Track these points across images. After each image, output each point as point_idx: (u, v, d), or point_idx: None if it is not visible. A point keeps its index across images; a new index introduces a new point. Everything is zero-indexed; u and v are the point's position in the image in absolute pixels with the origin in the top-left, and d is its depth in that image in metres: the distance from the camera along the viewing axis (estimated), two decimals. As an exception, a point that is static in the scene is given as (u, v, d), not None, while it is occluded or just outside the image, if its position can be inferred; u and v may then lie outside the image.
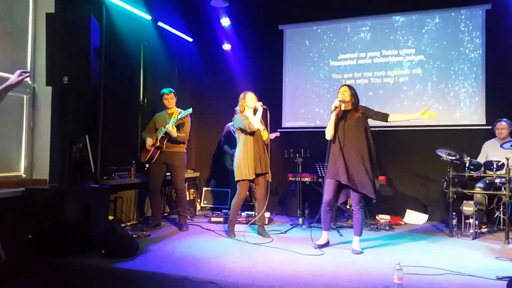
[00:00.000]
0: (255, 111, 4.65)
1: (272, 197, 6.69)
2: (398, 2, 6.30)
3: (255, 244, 4.32)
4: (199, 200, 6.66)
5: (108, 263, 3.50)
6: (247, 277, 3.19)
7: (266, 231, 4.74)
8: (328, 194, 4.13)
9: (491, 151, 5.23)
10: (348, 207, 5.44)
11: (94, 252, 3.72)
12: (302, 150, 5.59)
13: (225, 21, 6.86)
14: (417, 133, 6.15)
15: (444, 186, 4.92)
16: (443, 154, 4.91)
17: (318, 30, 6.90)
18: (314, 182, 5.69)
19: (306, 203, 5.76)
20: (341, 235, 4.77)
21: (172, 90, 5.11)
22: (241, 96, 4.72)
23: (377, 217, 5.88)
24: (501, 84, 5.81)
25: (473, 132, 5.88)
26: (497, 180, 4.73)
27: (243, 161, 4.53)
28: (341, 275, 3.30)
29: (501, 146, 4.82)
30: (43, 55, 3.93)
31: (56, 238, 3.66)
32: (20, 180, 4.01)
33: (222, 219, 5.44)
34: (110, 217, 4.67)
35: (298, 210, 5.53)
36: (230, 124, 5.89)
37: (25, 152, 4.20)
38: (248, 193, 5.61)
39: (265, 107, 4.62)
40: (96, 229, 3.94)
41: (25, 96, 4.20)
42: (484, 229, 5.07)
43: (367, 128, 4.14)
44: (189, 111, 4.89)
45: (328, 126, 4.12)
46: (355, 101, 4.15)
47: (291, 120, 6.95)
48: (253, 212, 5.25)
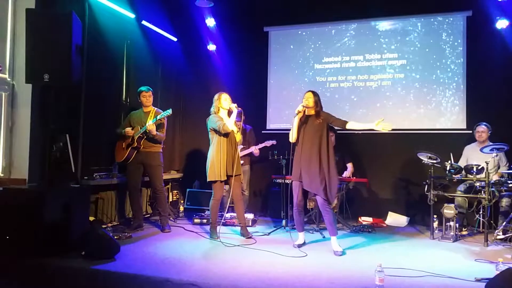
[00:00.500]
0: (230, 113, 4.65)
1: (256, 199, 6.70)
2: (382, 8, 6.36)
3: (238, 246, 4.30)
4: (183, 201, 6.60)
5: (88, 265, 3.44)
6: (230, 279, 3.17)
7: (249, 233, 4.73)
8: (296, 196, 4.29)
9: (472, 155, 5.32)
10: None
11: (74, 254, 3.65)
12: (286, 152, 5.60)
13: (210, 22, 6.83)
14: (399, 137, 6.22)
15: (425, 189, 4.99)
16: (424, 158, 4.98)
17: (303, 33, 6.93)
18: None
19: (290, 205, 5.76)
20: (324, 237, 4.79)
21: (151, 88, 5.07)
22: (216, 97, 4.71)
23: (360, 219, 5.92)
24: (482, 89, 5.92)
25: (454, 136, 5.98)
26: (477, 184, 4.82)
27: (216, 162, 4.53)
28: (324, 277, 3.31)
29: (481, 150, 4.92)
30: (23, 52, 3.85)
31: (35, 239, 3.58)
32: (-2, 180, 3.92)
33: (206, 221, 5.39)
34: (91, 218, 4.58)
35: (282, 212, 5.54)
36: None
37: (3, 151, 4.10)
38: None
39: (240, 109, 4.63)
40: (76, 230, 3.86)
41: (4, 94, 4.11)
42: (465, 232, 5.15)
43: (328, 134, 4.28)
44: (169, 112, 4.83)
45: (292, 130, 4.25)
46: (318, 108, 4.29)
47: (276, 122, 6.95)
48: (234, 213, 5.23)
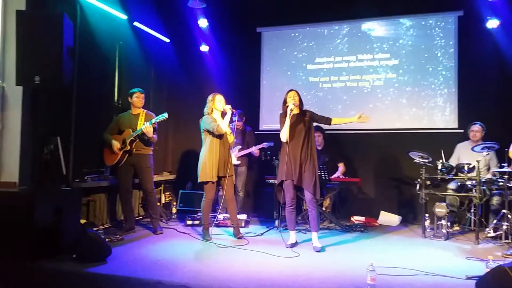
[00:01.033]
0: (223, 114, 4.65)
1: (249, 200, 6.70)
2: (374, 8, 6.40)
3: (230, 247, 4.30)
4: (175, 203, 6.58)
5: (80, 268, 3.42)
6: (222, 281, 3.17)
7: (242, 233, 4.73)
8: (289, 195, 4.34)
9: (463, 153, 5.36)
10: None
11: (65, 257, 3.63)
12: (279, 153, 5.60)
13: (203, 23, 6.82)
14: (391, 136, 6.26)
15: (417, 188, 5.02)
16: (416, 157, 5.01)
17: (296, 34, 6.94)
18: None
19: (283, 205, 5.76)
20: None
21: (143, 91, 5.06)
22: (210, 98, 4.71)
23: (352, 219, 5.94)
24: (473, 88, 5.97)
25: (446, 135, 6.02)
26: (468, 182, 4.85)
27: (208, 163, 4.52)
28: (316, 277, 3.32)
29: (472, 149, 4.95)
30: (13, 54, 3.82)
31: (26, 243, 3.55)
32: (-12, 183, 3.89)
33: (198, 222, 5.38)
34: (82, 221, 4.56)
35: (275, 212, 5.54)
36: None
37: (-6, 154, 4.07)
38: None
39: (234, 111, 4.63)
40: (68, 233, 3.84)
41: (-6, 96, 4.08)
42: (456, 230, 5.19)
43: (312, 131, 4.41)
44: (165, 116, 4.75)
45: (285, 129, 4.28)
46: (302, 106, 4.43)
47: (269, 123, 6.96)
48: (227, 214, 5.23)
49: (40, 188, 3.94)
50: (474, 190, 4.73)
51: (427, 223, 5.04)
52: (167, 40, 7.09)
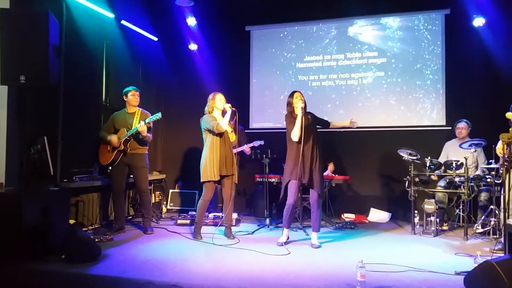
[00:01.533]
0: (224, 113, 4.63)
1: (240, 198, 6.69)
2: (361, 7, 6.42)
3: (222, 246, 4.29)
4: (165, 202, 6.54)
5: (69, 268, 3.39)
6: (212, 280, 3.16)
7: (232, 233, 4.71)
8: (293, 196, 4.30)
9: (452, 151, 5.41)
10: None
11: (54, 257, 3.59)
12: (269, 151, 5.61)
13: (191, 21, 6.78)
14: (380, 134, 6.30)
15: (406, 185, 5.05)
16: (405, 154, 5.04)
17: (285, 32, 6.94)
18: (281, 183, 5.68)
19: (274, 204, 5.78)
20: (307, 235, 4.81)
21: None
22: (210, 97, 4.68)
23: (343, 216, 5.97)
24: (461, 86, 6.03)
25: (434, 133, 6.08)
26: (457, 179, 4.90)
27: (209, 162, 4.49)
28: (307, 275, 3.32)
29: (460, 146, 5.01)
30: (-2, 53, 3.75)
31: (13, 244, 3.50)
32: (-27, 184, 3.82)
33: (189, 221, 5.36)
34: (71, 221, 4.51)
35: (266, 211, 5.54)
36: None
37: (-21, 155, 4.00)
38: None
39: (234, 109, 4.61)
40: (56, 234, 3.79)
41: (-22, 96, 4.01)
42: (445, 227, 5.24)
43: (317, 132, 4.47)
44: (159, 116, 4.72)
45: (297, 129, 4.24)
46: (306, 107, 4.45)
47: (259, 121, 6.96)
48: (221, 214, 5.21)
49: (27, 189, 3.88)
50: (463, 187, 4.78)
51: (417, 220, 5.07)
52: (155, 39, 7.04)
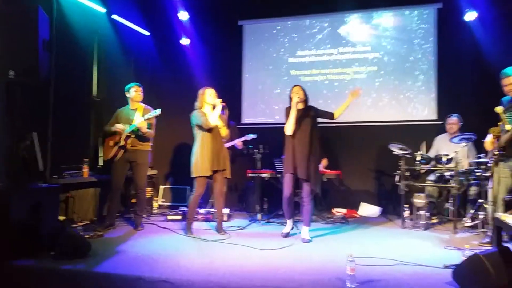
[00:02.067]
0: (214, 108, 4.61)
1: (232, 193, 6.69)
2: (354, 1, 6.42)
3: (212, 241, 4.29)
4: (156, 198, 6.53)
5: (58, 265, 3.37)
6: (203, 275, 3.16)
7: (223, 228, 4.72)
8: (288, 189, 4.35)
9: (442, 145, 5.44)
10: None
11: (43, 254, 3.57)
12: (261, 146, 5.62)
13: (183, 15, 6.74)
14: (371, 129, 6.33)
15: (396, 180, 5.08)
16: (396, 149, 5.07)
17: (277, 27, 6.93)
18: (273, 178, 5.71)
19: (265, 199, 5.80)
20: (299, 230, 4.82)
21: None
22: (200, 92, 4.66)
23: (333, 211, 6.00)
24: (452, 81, 6.07)
25: (425, 127, 6.11)
26: (447, 173, 4.94)
27: (200, 158, 4.48)
28: (297, 269, 3.34)
29: (451, 140, 5.04)
30: (-14, 48, 3.72)
31: (2, 241, 3.47)
32: (-39, 180, 3.78)
33: (180, 217, 5.36)
34: (61, 218, 4.50)
35: (257, 206, 5.55)
36: None
37: (-33, 151, 3.96)
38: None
39: (224, 104, 4.59)
40: (45, 230, 3.76)
41: (-34, 91, 3.96)
42: (435, 220, 5.28)
43: (316, 126, 4.45)
44: (158, 112, 4.70)
45: (290, 122, 4.29)
46: (307, 100, 4.47)
47: (251, 116, 6.96)
48: (212, 209, 5.21)
49: (16, 185, 3.85)
50: (453, 181, 4.82)
51: (407, 214, 5.11)
52: (147, 33, 7.01)
